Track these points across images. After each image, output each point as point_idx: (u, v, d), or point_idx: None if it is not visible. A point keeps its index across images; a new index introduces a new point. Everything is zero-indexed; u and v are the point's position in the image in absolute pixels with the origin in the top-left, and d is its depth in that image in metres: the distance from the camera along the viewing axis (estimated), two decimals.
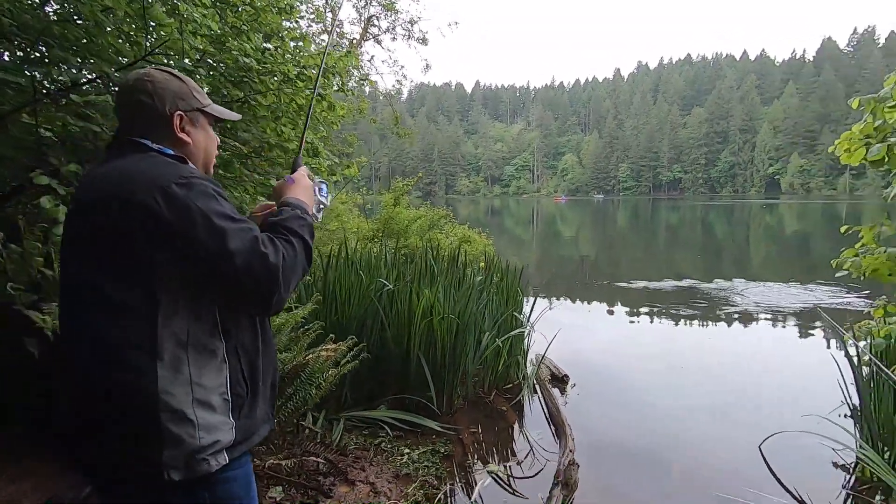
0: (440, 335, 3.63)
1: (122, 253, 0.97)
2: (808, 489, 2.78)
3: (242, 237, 0.97)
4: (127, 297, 0.97)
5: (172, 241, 0.96)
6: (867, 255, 2.19)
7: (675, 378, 4.71)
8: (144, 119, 1.11)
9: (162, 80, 1.13)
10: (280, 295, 1.01)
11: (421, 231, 6.14)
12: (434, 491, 2.73)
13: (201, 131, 1.19)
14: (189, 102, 1.15)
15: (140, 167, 1.02)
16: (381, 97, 16.96)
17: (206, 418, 0.98)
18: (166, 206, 0.95)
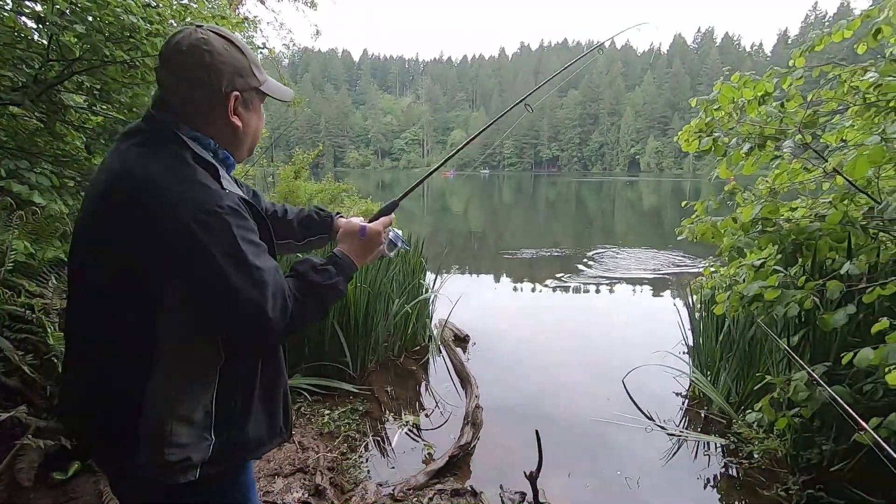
0: (353, 304, 3.81)
1: (130, 271, 0.94)
2: (656, 408, 3.52)
3: (254, 291, 0.93)
4: (128, 310, 0.96)
5: (183, 277, 0.93)
6: (699, 223, 2.84)
7: (555, 332, 5.41)
8: (196, 99, 1.00)
9: (222, 51, 0.98)
10: (272, 343, 1.04)
11: (323, 204, 6.12)
12: (356, 443, 2.97)
13: (254, 114, 1.09)
14: (247, 81, 1.03)
15: (169, 183, 0.93)
16: (272, 50, 15.90)
17: (182, 434, 0.96)
18: (183, 245, 0.91)
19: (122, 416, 0.97)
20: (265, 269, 0.95)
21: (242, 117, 1.05)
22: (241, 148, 1.10)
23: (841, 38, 2.69)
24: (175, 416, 0.96)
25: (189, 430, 0.97)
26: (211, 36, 0.99)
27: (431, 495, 2.44)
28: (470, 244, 13.11)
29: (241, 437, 1.05)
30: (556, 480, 2.65)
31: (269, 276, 0.96)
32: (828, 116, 2.79)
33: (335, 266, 1.10)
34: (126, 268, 0.95)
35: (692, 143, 2.76)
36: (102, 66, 3.38)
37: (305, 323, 1.04)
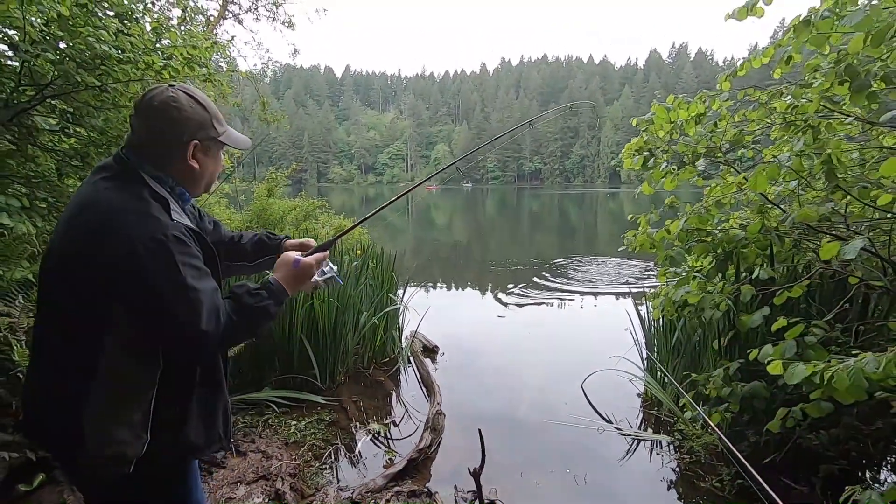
0: (321, 317, 3.93)
1: (86, 291, 1.10)
2: (613, 411, 3.70)
3: (190, 308, 1.08)
4: (81, 325, 1.11)
5: (129, 296, 1.08)
6: (639, 236, 3.06)
7: (521, 342, 5.57)
8: (160, 146, 1.18)
9: (188, 108, 1.18)
10: (206, 356, 1.19)
11: (297, 221, 6.24)
12: (321, 451, 3.08)
13: (211, 159, 1.27)
14: (207, 132, 1.22)
15: (121, 206, 1.10)
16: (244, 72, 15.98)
17: (119, 433, 1.10)
18: (128, 265, 1.06)
19: (70, 416, 1.10)
20: (202, 290, 1.10)
21: (200, 161, 1.24)
22: (197, 186, 1.29)
23: (759, 64, 2.95)
24: (114, 417, 1.10)
25: (126, 429, 1.10)
26: (180, 95, 1.18)
27: (389, 497, 2.56)
28: (445, 257, 13.29)
29: (177, 439, 1.18)
30: (508, 480, 2.80)
31: (205, 296, 1.10)
32: (753, 135, 3.04)
33: (267, 291, 1.25)
34: (81, 286, 1.10)
35: (627, 160, 2.98)
36: (74, 91, 3.51)
37: (236, 339, 1.20)
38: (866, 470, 2.52)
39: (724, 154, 2.75)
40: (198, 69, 4.11)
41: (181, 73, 3.82)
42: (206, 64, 4.28)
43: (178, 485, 1.28)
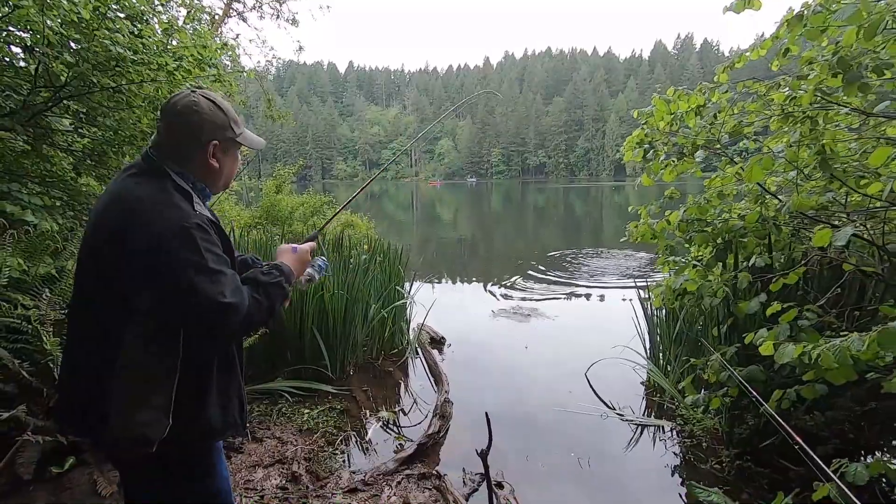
0: (331, 310, 4.04)
1: (115, 278, 1.19)
2: (618, 398, 3.79)
3: (214, 285, 1.15)
4: (110, 312, 1.20)
5: (156, 282, 1.16)
6: (641, 227, 3.14)
7: (527, 333, 5.66)
8: (182, 145, 1.29)
9: (208, 112, 1.29)
10: (230, 336, 1.25)
11: (304, 217, 6.35)
12: (334, 437, 3.20)
13: (229, 158, 1.38)
14: (225, 134, 1.33)
15: (149, 201, 1.20)
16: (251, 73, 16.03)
17: (143, 416, 1.17)
18: (155, 252, 1.14)
19: (98, 399, 1.20)
20: (223, 272, 1.19)
21: (220, 160, 1.35)
22: (216, 183, 1.39)
23: (757, 56, 3.01)
24: (137, 401, 1.18)
25: (149, 412, 1.18)
26: (201, 99, 1.30)
27: (400, 479, 2.67)
28: (451, 251, 13.38)
29: (196, 423, 1.27)
30: (514, 463, 2.90)
31: (227, 277, 1.19)
32: (752, 126, 3.11)
33: (278, 270, 1.36)
34: (110, 273, 1.20)
35: (627, 153, 3.06)
36: (89, 92, 3.62)
37: (259, 316, 1.25)
38: (862, 451, 2.59)
39: (722, 146, 2.81)
40: (208, 69, 4.21)
41: (192, 73, 3.92)
42: (216, 64, 4.39)
43: (201, 466, 1.38)
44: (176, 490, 1.34)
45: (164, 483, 1.34)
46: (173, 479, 1.34)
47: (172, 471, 1.32)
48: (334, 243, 5.18)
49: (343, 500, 2.49)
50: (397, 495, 2.52)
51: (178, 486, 1.35)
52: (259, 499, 2.45)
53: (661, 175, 2.91)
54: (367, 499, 2.50)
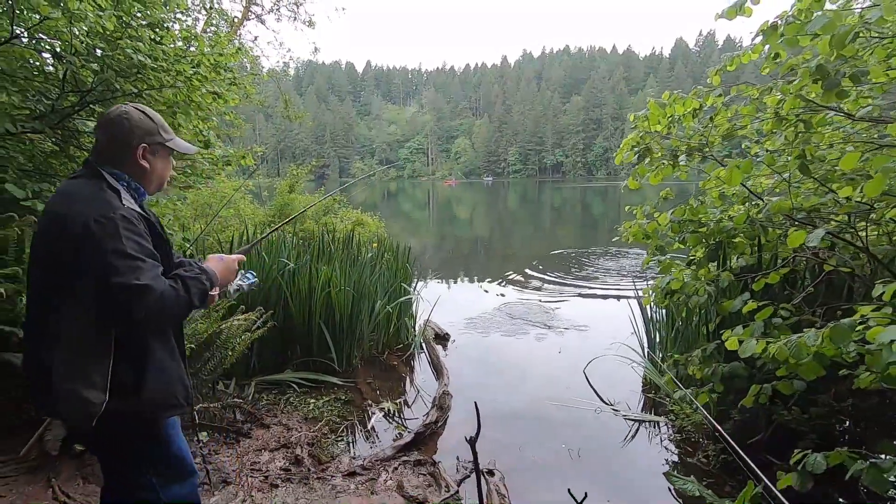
0: (338, 305, 4.22)
1: (51, 264, 1.35)
2: (614, 395, 3.88)
3: (123, 273, 1.26)
4: (49, 296, 1.35)
5: (81, 266, 1.30)
6: (634, 227, 3.23)
7: (532, 331, 5.77)
8: (113, 148, 1.46)
9: (137, 120, 1.48)
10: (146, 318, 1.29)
11: (316, 216, 6.55)
12: (337, 426, 3.37)
13: (159, 160, 1.54)
14: (154, 138, 1.50)
15: (80, 197, 1.36)
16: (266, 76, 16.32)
17: (81, 394, 1.29)
18: (82, 239, 1.29)
19: (47, 377, 1.33)
20: (142, 258, 1.31)
21: (150, 161, 1.51)
22: (149, 183, 1.54)
23: (748, 59, 3.08)
24: (76, 378, 1.31)
25: (87, 389, 1.31)
26: (132, 110, 1.48)
27: (396, 465, 2.82)
28: (460, 250, 13.51)
29: (134, 400, 1.38)
30: (507, 454, 3.03)
31: (145, 264, 1.31)
32: (745, 129, 3.17)
33: (200, 270, 1.50)
34: (48, 261, 1.36)
35: (618, 155, 3.15)
36: (112, 97, 3.85)
37: (172, 302, 1.34)
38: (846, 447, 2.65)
39: (709, 149, 2.89)
40: (224, 73, 4.42)
41: (209, 78, 4.13)
42: (231, 69, 4.60)
43: (149, 446, 1.49)
44: (127, 469, 1.48)
45: (117, 462, 1.48)
46: (124, 458, 1.47)
47: (123, 450, 1.46)
48: (344, 241, 5.35)
49: (342, 482, 2.65)
50: (393, 479, 2.68)
51: (130, 465, 1.48)
52: (263, 479, 2.62)
53: (647, 178, 3.00)
54: (365, 482, 2.66)
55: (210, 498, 2.45)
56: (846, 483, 1.96)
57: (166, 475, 1.52)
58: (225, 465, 2.74)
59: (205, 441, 2.87)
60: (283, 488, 2.55)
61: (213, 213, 5.85)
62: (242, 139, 18.65)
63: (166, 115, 4.04)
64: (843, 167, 1.95)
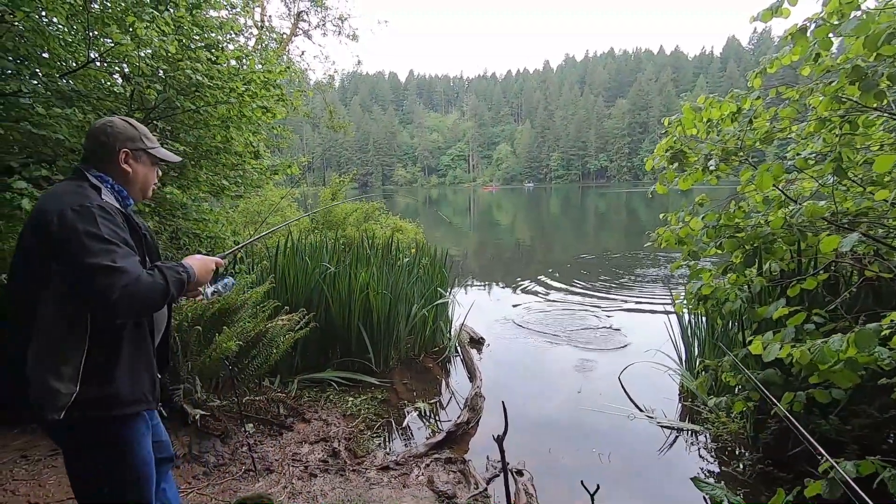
0: (376, 308, 4.39)
1: (31, 255, 1.38)
2: (650, 401, 3.84)
3: (97, 255, 1.29)
4: (27, 287, 1.37)
5: (56, 251, 1.32)
6: (666, 232, 3.20)
7: (565, 337, 5.75)
8: (98, 152, 1.54)
9: (120, 128, 1.56)
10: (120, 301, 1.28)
11: (357, 222, 6.80)
12: (373, 423, 3.51)
13: (142, 166, 1.60)
14: (136, 144, 1.57)
15: (60, 192, 1.42)
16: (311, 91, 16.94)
17: (51, 384, 1.31)
18: (58, 226, 1.32)
19: (18, 367, 1.35)
20: (118, 244, 1.34)
21: (132, 166, 1.58)
22: (132, 187, 1.60)
23: (789, 61, 3.02)
24: (47, 368, 1.33)
25: (59, 381, 1.33)
26: (116, 120, 1.58)
27: (428, 462, 2.93)
28: (499, 256, 13.51)
29: (104, 394, 1.39)
30: (536, 455, 3.07)
31: (121, 248, 1.34)
32: (785, 132, 3.10)
33: (176, 263, 1.55)
34: (29, 252, 1.39)
35: (648, 162, 3.15)
36: (173, 114, 4.20)
37: (148, 288, 1.36)
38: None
39: (743, 153, 2.85)
40: (272, 90, 4.71)
41: (259, 94, 4.42)
42: (280, 85, 4.89)
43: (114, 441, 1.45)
44: (89, 464, 1.46)
45: (81, 457, 1.47)
46: (88, 452, 1.45)
47: (87, 444, 1.44)
48: (384, 247, 5.53)
49: (376, 475, 2.78)
50: (424, 475, 2.78)
51: (92, 459, 1.46)
52: (304, 468, 2.79)
53: (676, 183, 2.98)
54: (398, 476, 2.78)
55: (255, 483, 2.64)
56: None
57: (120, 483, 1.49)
58: (269, 454, 2.93)
59: (251, 432, 3.07)
60: (321, 478, 2.71)
61: (262, 219, 6.19)
62: (290, 149, 19.44)
63: (220, 129, 4.36)
64: (877, 170, 1.90)
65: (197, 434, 2.87)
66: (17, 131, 3.36)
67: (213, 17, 4.66)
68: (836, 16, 2.04)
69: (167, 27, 3.73)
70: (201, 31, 4.29)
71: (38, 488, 2.41)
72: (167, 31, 3.64)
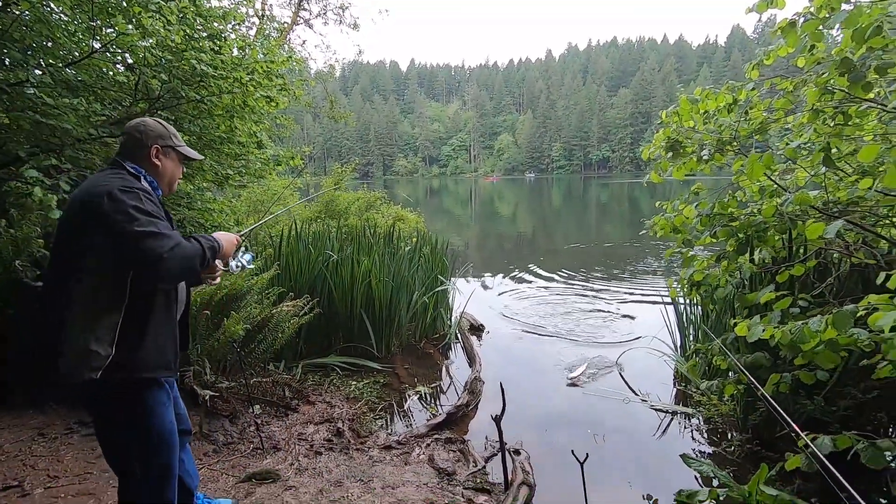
0: (378, 295, 4.48)
1: (75, 228, 1.52)
2: (646, 386, 3.94)
3: (145, 225, 1.46)
4: (68, 257, 1.52)
5: (105, 224, 1.46)
6: (661, 220, 3.28)
7: (563, 325, 5.84)
8: (132, 147, 1.72)
9: (152, 125, 1.75)
10: (161, 258, 1.44)
11: (359, 212, 6.87)
12: (376, 405, 3.62)
13: (170, 161, 1.78)
14: (166, 141, 1.76)
15: (105, 178, 1.59)
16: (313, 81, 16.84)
17: (91, 347, 1.45)
18: (108, 203, 1.48)
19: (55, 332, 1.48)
20: (162, 219, 1.55)
21: (162, 161, 1.76)
22: (162, 181, 1.78)
23: (785, 53, 3.07)
24: (87, 332, 1.47)
25: (96, 343, 1.47)
26: (148, 120, 1.77)
27: (429, 442, 3.04)
28: (500, 245, 13.59)
29: (134, 357, 1.55)
30: (533, 435, 3.18)
31: (163, 223, 1.54)
32: (780, 122, 3.17)
33: (207, 235, 1.71)
34: (72, 226, 1.54)
35: (644, 151, 3.22)
36: (177, 103, 4.25)
37: (187, 252, 1.54)
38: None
39: (737, 143, 2.92)
40: (275, 80, 4.76)
41: (262, 84, 4.48)
42: (282, 75, 4.94)
43: (138, 405, 1.61)
44: (118, 425, 1.61)
45: (106, 419, 1.62)
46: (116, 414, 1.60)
47: (116, 406, 1.59)
48: (385, 235, 5.62)
49: (378, 453, 2.89)
50: (425, 453, 2.89)
51: (121, 421, 1.61)
52: (309, 447, 2.90)
53: (670, 172, 3.05)
54: (400, 454, 2.89)
55: (263, 460, 2.75)
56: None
57: (146, 445, 1.63)
58: (276, 434, 3.04)
59: (258, 413, 3.18)
60: (325, 455, 2.82)
61: (265, 209, 6.27)
62: (291, 139, 19.42)
63: (224, 119, 4.42)
64: (861, 159, 1.97)
65: (206, 414, 2.98)
66: (25, 121, 3.43)
67: (215, 7, 4.70)
68: (826, 10, 2.09)
69: (172, 16, 3.77)
70: (205, 21, 4.33)
71: (57, 463, 2.52)
72: (172, 20, 3.69)
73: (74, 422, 2.93)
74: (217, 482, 2.50)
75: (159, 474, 1.68)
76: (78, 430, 2.84)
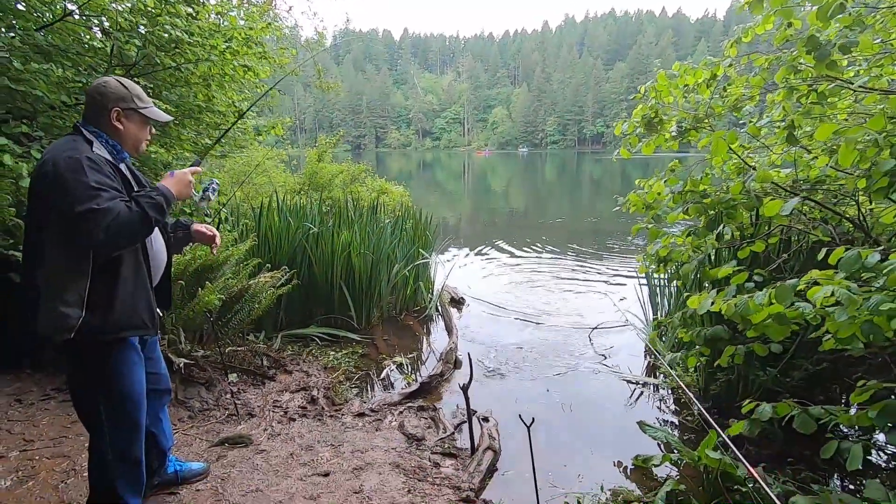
0: (358, 267, 4.52)
1: (33, 202, 1.60)
2: (619, 359, 4.05)
3: (83, 201, 1.47)
4: (33, 229, 1.61)
5: (53, 194, 1.52)
6: (632, 196, 3.33)
7: (541, 298, 5.94)
8: (93, 111, 1.71)
9: (112, 87, 1.71)
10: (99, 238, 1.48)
11: (343, 184, 6.85)
12: (353, 375, 3.70)
13: (133, 124, 1.74)
14: (127, 104, 1.72)
15: (58, 146, 1.61)
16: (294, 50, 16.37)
17: (63, 309, 1.54)
18: (53, 171, 1.52)
19: (31, 297, 1.60)
20: (103, 188, 1.53)
21: (123, 125, 1.73)
22: (125, 143, 1.75)
23: (762, 30, 3.07)
24: (58, 297, 1.56)
25: (67, 307, 1.56)
26: (110, 80, 1.73)
27: (402, 409, 3.13)
28: (490, 219, 13.63)
29: (105, 317, 1.61)
30: (503, 405, 3.28)
31: (108, 194, 1.53)
32: (753, 100, 3.18)
33: (151, 188, 1.70)
34: (31, 200, 1.61)
35: (618, 127, 3.23)
36: (154, 71, 4.17)
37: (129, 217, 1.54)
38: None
39: (710, 120, 2.94)
40: (254, 48, 4.66)
41: (241, 52, 4.39)
42: (262, 43, 4.83)
43: (104, 364, 1.68)
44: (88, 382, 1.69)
45: (75, 377, 1.71)
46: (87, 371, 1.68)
47: (86, 363, 1.67)
48: (369, 209, 5.62)
49: (351, 420, 2.98)
50: (396, 420, 2.98)
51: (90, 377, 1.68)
52: (283, 413, 2.98)
53: (639, 147, 3.08)
54: (371, 421, 2.98)
55: (237, 426, 2.83)
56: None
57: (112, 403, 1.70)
58: (251, 401, 3.11)
59: (234, 381, 3.25)
60: (298, 422, 2.90)
61: (248, 180, 6.22)
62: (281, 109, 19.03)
63: (202, 87, 4.34)
64: (818, 138, 2.01)
65: (182, 381, 3.04)
66: None
67: None
68: None
69: None
70: None
71: (33, 428, 2.58)
72: None
73: (52, 388, 2.99)
74: (191, 446, 2.58)
75: (126, 431, 1.76)
76: (54, 397, 2.89)
